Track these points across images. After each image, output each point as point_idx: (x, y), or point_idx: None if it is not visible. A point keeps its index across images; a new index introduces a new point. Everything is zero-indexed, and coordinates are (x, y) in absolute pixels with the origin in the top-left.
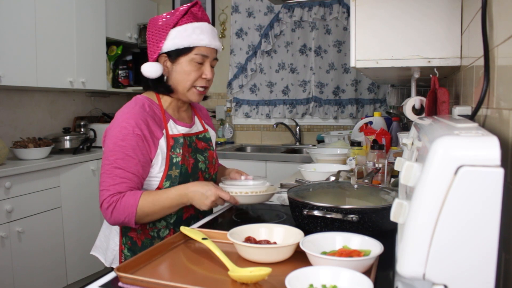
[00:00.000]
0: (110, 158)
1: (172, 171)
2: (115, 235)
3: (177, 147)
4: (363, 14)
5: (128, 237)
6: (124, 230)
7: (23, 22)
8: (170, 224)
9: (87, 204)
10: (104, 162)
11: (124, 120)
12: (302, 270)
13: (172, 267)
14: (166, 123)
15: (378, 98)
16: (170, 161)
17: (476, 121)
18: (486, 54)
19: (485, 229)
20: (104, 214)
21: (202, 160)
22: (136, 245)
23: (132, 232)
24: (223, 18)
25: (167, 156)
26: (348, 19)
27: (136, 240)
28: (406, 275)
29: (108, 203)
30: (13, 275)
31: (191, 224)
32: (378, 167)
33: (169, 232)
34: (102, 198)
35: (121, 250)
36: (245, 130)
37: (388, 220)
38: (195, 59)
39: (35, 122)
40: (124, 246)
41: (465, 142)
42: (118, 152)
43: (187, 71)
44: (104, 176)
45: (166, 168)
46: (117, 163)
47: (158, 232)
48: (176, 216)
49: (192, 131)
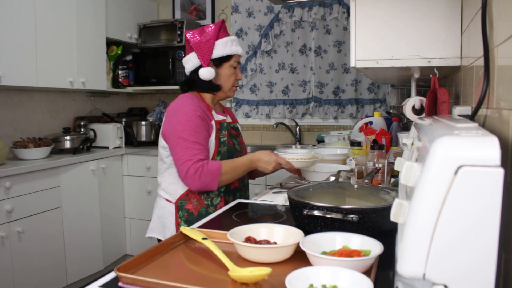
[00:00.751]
0: (183, 136)
1: (221, 148)
2: (169, 214)
3: (223, 129)
4: (363, 14)
5: (185, 209)
6: (180, 205)
7: (23, 22)
8: (221, 192)
9: (87, 204)
10: (177, 141)
11: (185, 106)
12: (302, 270)
13: (172, 267)
14: (211, 111)
15: (378, 98)
16: (219, 140)
17: (476, 121)
18: (486, 54)
19: (485, 229)
20: (191, 180)
21: (237, 143)
22: (193, 215)
23: (188, 204)
24: (223, 18)
25: (216, 136)
26: (348, 19)
27: (193, 211)
28: (406, 275)
29: (195, 168)
30: (13, 275)
31: (236, 194)
32: (378, 167)
33: (221, 199)
34: (186, 167)
35: (178, 224)
36: (245, 130)
37: (388, 220)
38: (233, 65)
39: (35, 122)
40: (180, 220)
41: (465, 142)
42: (189, 130)
43: (229, 74)
44: (181, 151)
45: (217, 145)
46: (192, 138)
47: (211, 201)
48: (226, 186)
49: (227, 121)
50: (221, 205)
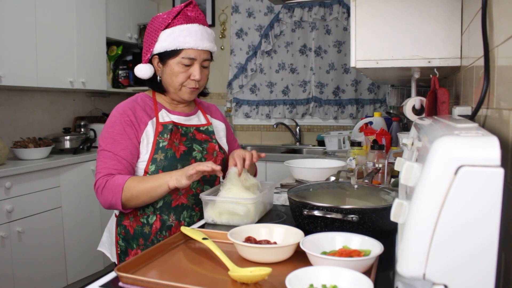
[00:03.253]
0: (101, 144)
1: (157, 155)
2: (114, 228)
3: (165, 133)
4: (363, 14)
5: (122, 226)
6: (119, 219)
7: (23, 22)
8: (156, 209)
9: (87, 204)
10: (98, 149)
11: (114, 110)
12: (302, 270)
13: (172, 267)
14: (157, 112)
15: (378, 98)
16: (156, 145)
17: (476, 121)
18: (486, 54)
19: (485, 229)
20: (96, 196)
21: (199, 150)
22: (129, 233)
23: (126, 220)
24: (223, 18)
25: (154, 141)
26: (348, 19)
27: (129, 229)
28: (406, 275)
29: (99, 183)
30: (13, 275)
31: (182, 213)
32: (378, 167)
33: (156, 219)
34: (94, 181)
35: (117, 241)
36: (245, 130)
37: (388, 220)
38: (182, 62)
39: (35, 122)
40: (119, 237)
41: (465, 142)
42: (107, 138)
43: (176, 72)
44: (97, 161)
45: (152, 151)
46: (107, 147)
47: (147, 219)
48: (163, 202)
49: (191, 122)
50: (157, 225)
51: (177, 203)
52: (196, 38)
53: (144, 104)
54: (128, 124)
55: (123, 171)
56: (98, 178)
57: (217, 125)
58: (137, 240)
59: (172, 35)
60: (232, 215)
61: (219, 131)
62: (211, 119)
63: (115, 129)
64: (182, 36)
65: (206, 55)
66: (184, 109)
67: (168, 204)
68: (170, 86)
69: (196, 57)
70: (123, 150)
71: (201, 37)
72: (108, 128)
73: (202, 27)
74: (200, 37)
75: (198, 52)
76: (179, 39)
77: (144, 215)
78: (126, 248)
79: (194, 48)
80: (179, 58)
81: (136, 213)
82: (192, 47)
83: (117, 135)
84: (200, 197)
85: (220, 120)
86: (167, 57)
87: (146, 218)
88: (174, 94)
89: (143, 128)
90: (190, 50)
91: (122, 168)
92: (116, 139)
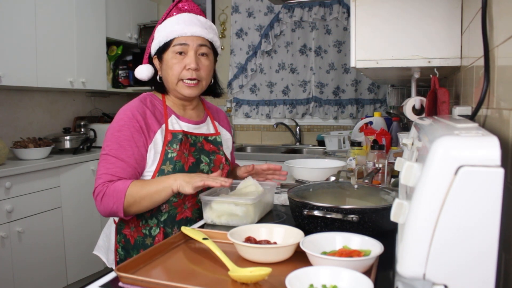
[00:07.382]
0: (105, 148)
1: (165, 166)
2: (112, 235)
3: (174, 143)
4: (363, 14)
5: (122, 234)
6: (119, 227)
7: (23, 22)
8: (160, 222)
9: (87, 204)
10: (101, 152)
11: (122, 112)
12: (302, 270)
13: (172, 267)
14: (167, 118)
15: (378, 98)
16: (164, 156)
17: (476, 121)
18: (486, 54)
19: (485, 229)
20: (95, 203)
21: (206, 162)
22: (129, 243)
23: (126, 229)
24: (223, 18)
25: (162, 150)
26: (348, 19)
27: (130, 238)
28: (406, 275)
29: (99, 190)
30: (13, 275)
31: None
32: (378, 167)
33: (159, 231)
34: (94, 187)
35: (116, 249)
36: (245, 130)
37: (388, 220)
38: (175, 50)
39: (35, 122)
40: (118, 245)
41: (465, 142)
42: (113, 142)
43: (170, 65)
44: (98, 165)
45: (160, 162)
46: (111, 152)
47: (149, 230)
48: (168, 215)
49: (200, 131)
50: (160, 238)
51: (182, 217)
52: (184, 24)
53: (154, 108)
54: (137, 130)
55: (126, 177)
56: (98, 185)
57: (224, 134)
58: (138, 251)
59: (164, 29)
60: (231, 216)
61: (226, 141)
62: (219, 127)
63: (122, 133)
64: (171, 26)
65: (201, 41)
66: (193, 115)
67: (173, 217)
68: (168, 82)
69: (188, 43)
70: (128, 157)
71: (190, 23)
72: (114, 132)
73: (192, 15)
74: (189, 23)
75: (190, 38)
76: (169, 30)
77: (146, 226)
78: (126, 257)
79: (183, 35)
80: (171, 48)
81: (137, 223)
82: (180, 34)
83: (124, 141)
84: (199, 197)
85: (227, 129)
86: (162, 51)
87: (148, 230)
88: (174, 91)
89: (152, 136)
90: (180, 37)
91: (126, 175)
92: (123, 145)
